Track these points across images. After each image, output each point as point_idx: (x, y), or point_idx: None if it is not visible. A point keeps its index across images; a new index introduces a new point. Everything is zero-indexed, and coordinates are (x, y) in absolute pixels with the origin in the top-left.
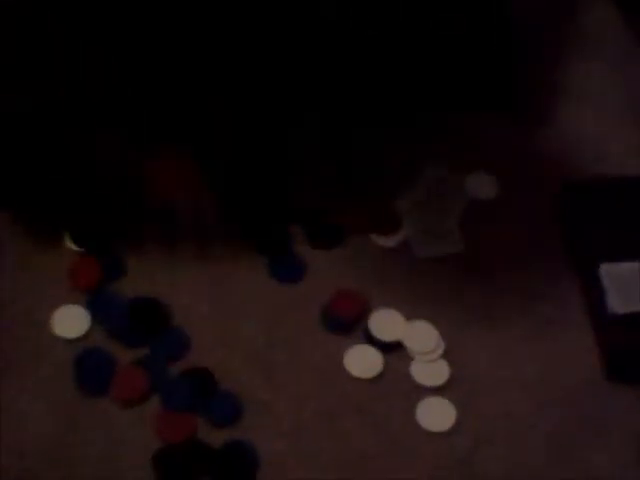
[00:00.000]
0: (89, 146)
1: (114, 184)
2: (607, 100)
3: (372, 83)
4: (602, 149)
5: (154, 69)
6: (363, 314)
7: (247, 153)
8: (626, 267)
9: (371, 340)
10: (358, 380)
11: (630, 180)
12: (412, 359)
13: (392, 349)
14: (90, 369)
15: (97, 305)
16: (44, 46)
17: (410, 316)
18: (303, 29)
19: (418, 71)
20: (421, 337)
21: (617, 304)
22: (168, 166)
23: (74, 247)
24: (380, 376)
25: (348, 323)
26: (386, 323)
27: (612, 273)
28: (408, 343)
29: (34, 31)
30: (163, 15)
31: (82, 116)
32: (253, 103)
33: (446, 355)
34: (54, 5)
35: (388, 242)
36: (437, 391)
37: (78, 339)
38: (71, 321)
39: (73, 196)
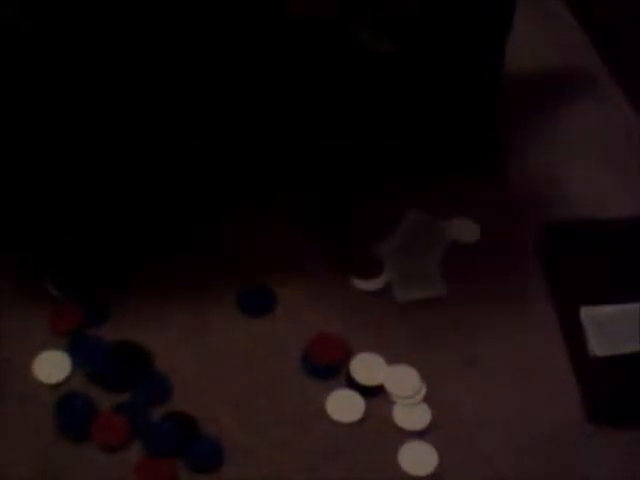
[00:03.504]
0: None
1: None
2: (588, 144)
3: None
4: (583, 193)
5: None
6: (344, 359)
7: None
8: (606, 310)
9: (352, 384)
10: (340, 424)
11: (611, 223)
12: (394, 403)
13: (374, 393)
14: (71, 414)
15: (78, 350)
16: None
17: (391, 360)
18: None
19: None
20: (402, 381)
21: (597, 347)
22: None
23: (55, 292)
24: (362, 420)
25: (329, 368)
26: (367, 367)
27: (592, 316)
28: (389, 387)
29: None
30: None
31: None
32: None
33: (427, 399)
34: None
35: (369, 286)
36: (419, 435)
37: (59, 384)
38: (52, 366)
39: (60, 235)
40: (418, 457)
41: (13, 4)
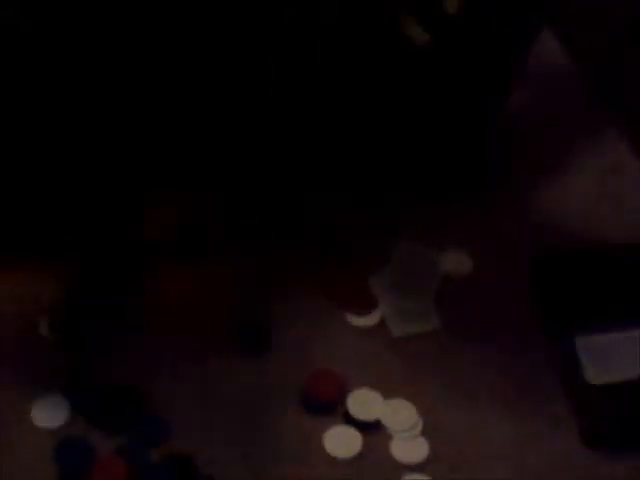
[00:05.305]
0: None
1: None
2: (578, 175)
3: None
4: (576, 224)
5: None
6: (341, 395)
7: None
8: (600, 339)
9: (350, 420)
10: (338, 460)
11: (603, 251)
12: (391, 437)
13: (371, 428)
14: (70, 459)
15: (76, 394)
16: None
17: (388, 394)
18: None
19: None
20: (399, 415)
21: (592, 375)
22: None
23: (52, 335)
24: (360, 455)
25: (327, 405)
26: (364, 403)
27: (587, 345)
28: (386, 422)
29: None
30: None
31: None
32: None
33: (425, 432)
34: None
35: (364, 321)
36: (417, 468)
37: (58, 429)
38: (50, 411)
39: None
40: None
41: (13, 4)
